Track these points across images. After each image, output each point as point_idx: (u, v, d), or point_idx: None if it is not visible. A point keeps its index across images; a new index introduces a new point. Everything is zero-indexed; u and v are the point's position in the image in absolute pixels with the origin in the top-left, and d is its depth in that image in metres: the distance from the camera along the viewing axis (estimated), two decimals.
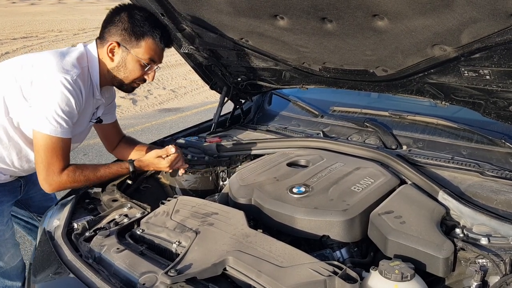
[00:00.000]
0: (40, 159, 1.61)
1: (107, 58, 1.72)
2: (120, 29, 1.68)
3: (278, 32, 1.77)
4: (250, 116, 2.75)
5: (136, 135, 5.58)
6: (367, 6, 1.38)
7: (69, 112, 1.59)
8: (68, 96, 1.57)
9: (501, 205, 1.49)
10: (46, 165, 1.61)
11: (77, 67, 1.64)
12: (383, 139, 2.09)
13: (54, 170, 1.62)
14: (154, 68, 1.75)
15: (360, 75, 1.95)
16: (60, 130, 1.59)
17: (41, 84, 1.59)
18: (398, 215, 1.42)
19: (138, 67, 1.71)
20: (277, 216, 1.51)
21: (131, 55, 1.69)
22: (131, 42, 1.68)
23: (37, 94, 1.59)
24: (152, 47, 1.69)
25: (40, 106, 1.58)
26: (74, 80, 1.60)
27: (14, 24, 18.90)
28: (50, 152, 1.60)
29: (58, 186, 1.65)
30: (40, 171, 1.62)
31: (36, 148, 1.61)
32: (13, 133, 1.68)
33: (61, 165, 1.63)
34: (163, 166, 1.85)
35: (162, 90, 9.03)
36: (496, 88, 1.57)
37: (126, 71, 1.72)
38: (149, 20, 1.70)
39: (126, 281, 1.27)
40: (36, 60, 1.66)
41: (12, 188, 1.84)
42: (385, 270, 1.13)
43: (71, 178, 1.65)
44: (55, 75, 1.57)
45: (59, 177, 1.63)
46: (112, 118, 2.05)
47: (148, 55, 1.69)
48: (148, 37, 1.68)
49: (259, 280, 1.16)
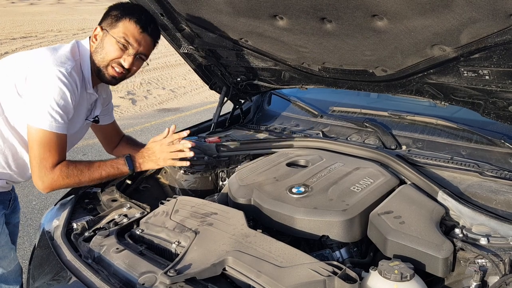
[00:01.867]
0: (33, 155, 1.56)
1: (91, 44, 1.74)
2: (108, 16, 1.73)
3: (277, 32, 1.77)
4: (249, 116, 2.75)
5: (135, 135, 5.58)
6: (366, 6, 1.38)
7: (64, 106, 1.57)
8: (63, 90, 1.55)
9: (501, 205, 1.49)
10: (39, 161, 1.56)
11: (71, 59, 1.63)
12: (382, 139, 2.09)
13: (47, 166, 1.56)
14: (132, 54, 1.71)
15: (359, 75, 1.95)
16: (56, 124, 1.55)
17: (35, 78, 1.56)
18: (397, 215, 1.42)
19: (114, 47, 1.70)
20: (276, 216, 1.51)
21: (109, 35, 1.70)
22: (111, 25, 1.70)
23: (32, 89, 1.56)
24: (128, 27, 1.69)
25: (35, 100, 1.55)
26: (69, 73, 1.58)
27: (13, 24, 18.89)
28: (44, 148, 1.55)
29: (50, 183, 1.58)
30: (33, 167, 1.58)
31: (30, 144, 1.57)
32: (8, 134, 1.65)
33: (54, 160, 1.57)
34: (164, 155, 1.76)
35: (161, 90, 9.03)
36: (495, 88, 1.57)
37: (103, 51, 1.71)
38: (135, 7, 1.75)
39: (126, 281, 1.27)
40: (29, 56, 1.65)
41: (3, 200, 1.82)
42: (385, 270, 1.13)
43: (64, 173, 1.59)
44: (49, 68, 1.56)
45: (51, 173, 1.57)
46: (110, 118, 2.04)
47: (123, 34, 1.69)
48: (125, 18, 1.70)
49: (259, 280, 1.16)
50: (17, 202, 1.99)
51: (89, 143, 5.17)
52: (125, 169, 1.73)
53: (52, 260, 1.44)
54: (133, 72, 1.78)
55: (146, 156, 1.79)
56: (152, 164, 1.80)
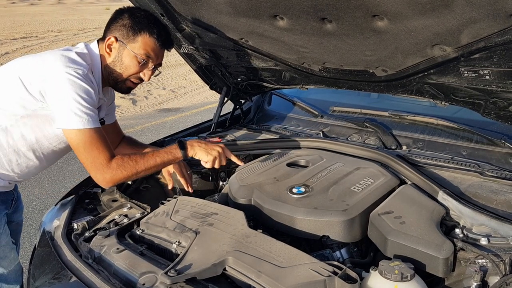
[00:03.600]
0: (84, 157, 1.55)
1: (105, 54, 1.72)
2: (119, 25, 1.70)
3: (278, 32, 1.77)
4: (250, 116, 2.75)
5: (136, 135, 5.58)
6: (366, 7, 1.38)
7: (90, 100, 1.55)
8: (85, 86, 1.54)
9: (501, 205, 1.49)
10: (92, 161, 1.54)
11: (84, 64, 1.63)
12: (383, 139, 2.09)
13: (102, 163, 1.54)
14: (151, 68, 1.73)
15: (360, 76, 1.95)
16: (89, 120, 1.53)
17: (55, 81, 1.54)
18: (398, 215, 1.42)
19: (134, 63, 1.70)
20: (277, 216, 1.51)
21: (127, 50, 1.69)
22: (128, 37, 1.68)
23: (54, 92, 1.54)
24: (148, 43, 1.69)
25: (60, 103, 1.53)
26: (85, 75, 1.58)
27: (14, 24, 18.91)
28: (90, 147, 1.53)
29: (111, 178, 1.57)
30: (89, 169, 1.56)
31: (74, 148, 1.55)
32: (14, 138, 1.65)
33: (105, 155, 1.55)
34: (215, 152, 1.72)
35: (162, 90, 9.04)
36: (495, 88, 1.57)
37: (122, 66, 1.71)
38: (149, 18, 1.72)
39: (126, 281, 1.27)
40: (42, 60, 1.62)
41: (5, 200, 1.82)
42: (385, 270, 1.13)
43: (121, 166, 1.56)
44: (67, 70, 1.54)
45: (109, 169, 1.55)
46: (112, 118, 2.04)
47: (144, 50, 1.69)
48: (145, 33, 1.68)
49: (259, 280, 1.16)
50: (20, 201, 2.00)
51: None
52: (178, 153, 1.70)
53: (53, 260, 1.44)
54: (146, 81, 1.80)
55: (196, 145, 1.74)
56: (203, 153, 1.73)
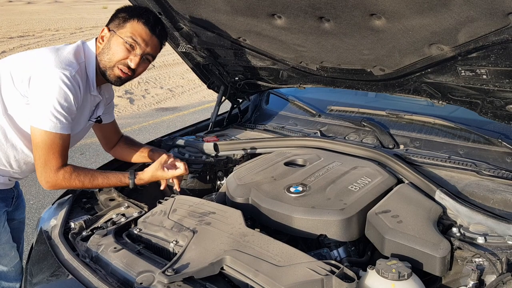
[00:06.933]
0: (38, 155, 1.61)
1: (98, 44, 1.74)
2: (115, 18, 1.74)
3: (275, 31, 1.77)
4: (247, 116, 2.75)
5: (133, 134, 5.57)
6: (364, 6, 1.38)
7: (67, 108, 1.59)
8: (66, 92, 1.57)
9: (498, 204, 1.49)
10: (43, 162, 1.60)
11: (75, 63, 1.65)
12: (380, 139, 2.09)
13: (51, 168, 1.61)
14: (138, 54, 1.71)
15: (357, 75, 1.95)
16: (60, 126, 1.58)
17: (39, 80, 1.58)
18: (395, 214, 1.43)
19: (121, 48, 1.70)
20: (274, 215, 1.51)
21: (116, 36, 1.71)
22: (118, 25, 1.72)
23: (36, 91, 1.58)
24: (136, 28, 1.70)
25: (38, 102, 1.57)
26: (73, 76, 1.60)
27: (11, 23, 18.83)
28: (48, 149, 1.59)
29: (54, 184, 1.64)
30: (38, 168, 1.62)
31: (34, 145, 1.61)
32: (11, 133, 1.67)
33: (58, 162, 1.62)
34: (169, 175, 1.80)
35: (159, 89, 9.02)
36: (492, 87, 1.57)
37: (110, 52, 1.72)
38: (143, 9, 1.76)
39: (123, 280, 1.26)
40: (33, 56, 1.66)
41: (6, 197, 1.83)
42: (382, 269, 1.13)
43: (67, 180, 1.64)
44: (53, 71, 1.57)
45: (55, 175, 1.62)
46: (111, 117, 2.04)
47: (130, 34, 1.69)
48: (133, 19, 1.71)
49: (257, 279, 1.16)
50: (21, 199, 2.00)
51: (87, 142, 5.15)
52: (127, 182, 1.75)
53: (50, 259, 1.43)
54: (138, 74, 1.79)
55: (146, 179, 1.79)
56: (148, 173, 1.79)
